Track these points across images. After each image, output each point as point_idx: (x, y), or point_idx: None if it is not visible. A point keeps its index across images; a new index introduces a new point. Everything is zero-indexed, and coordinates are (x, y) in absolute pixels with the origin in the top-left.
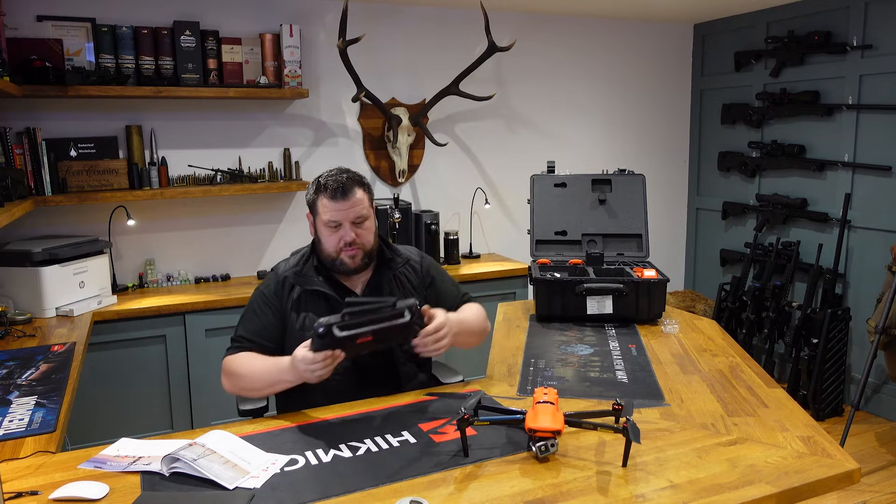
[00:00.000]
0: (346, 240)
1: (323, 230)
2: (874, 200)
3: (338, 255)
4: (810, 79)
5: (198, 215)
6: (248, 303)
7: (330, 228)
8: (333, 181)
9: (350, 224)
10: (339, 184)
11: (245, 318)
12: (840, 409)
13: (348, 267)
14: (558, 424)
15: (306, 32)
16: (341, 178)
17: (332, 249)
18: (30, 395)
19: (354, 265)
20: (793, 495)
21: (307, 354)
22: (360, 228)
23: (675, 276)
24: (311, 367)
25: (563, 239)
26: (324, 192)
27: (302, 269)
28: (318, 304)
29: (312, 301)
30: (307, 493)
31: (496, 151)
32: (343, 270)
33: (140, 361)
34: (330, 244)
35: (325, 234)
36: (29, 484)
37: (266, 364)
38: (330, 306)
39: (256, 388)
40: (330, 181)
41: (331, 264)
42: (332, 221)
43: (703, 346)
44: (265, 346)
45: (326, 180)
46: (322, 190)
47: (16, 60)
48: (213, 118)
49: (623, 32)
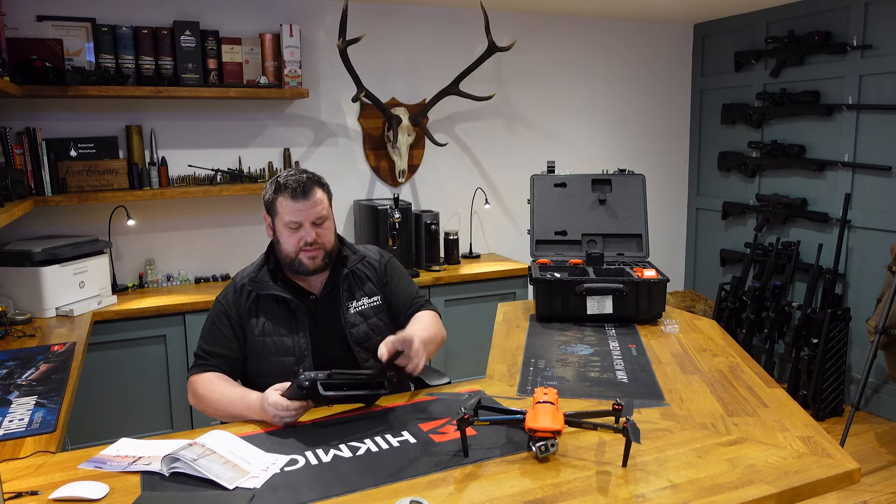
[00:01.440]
0: (307, 240)
1: (282, 231)
2: (874, 200)
3: (297, 255)
4: (810, 79)
5: (198, 215)
6: (209, 314)
7: (290, 229)
8: (294, 181)
9: (310, 224)
10: (299, 183)
11: (206, 329)
12: (840, 409)
13: (307, 268)
14: (558, 424)
15: (306, 32)
16: (301, 178)
17: (291, 250)
18: (30, 395)
19: (314, 266)
20: (793, 495)
21: (280, 401)
22: (320, 228)
23: (675, 276)
24: (282, 413)
25: (563, 239)
26: (283, 192)
27: (257, 274)
28: (276, 309)
29: (270, 306)
30: (307, 493)
31: (496, 151)
32: (302, 271)
33: (140, 361)
34: (289, 245)
35: (284, 234)
36: (29, 484)
37: (233, 396)
38: (288, 310)
39: (221, 416)
40: (290, 181)
41: (289, 265)
42: (292, 222)
43: (703, 346)
44: (228, 356)
45: (286, 180)
46: (282, 190)
47: (16, 60)
48: (213, 118)
49: (623, 32)
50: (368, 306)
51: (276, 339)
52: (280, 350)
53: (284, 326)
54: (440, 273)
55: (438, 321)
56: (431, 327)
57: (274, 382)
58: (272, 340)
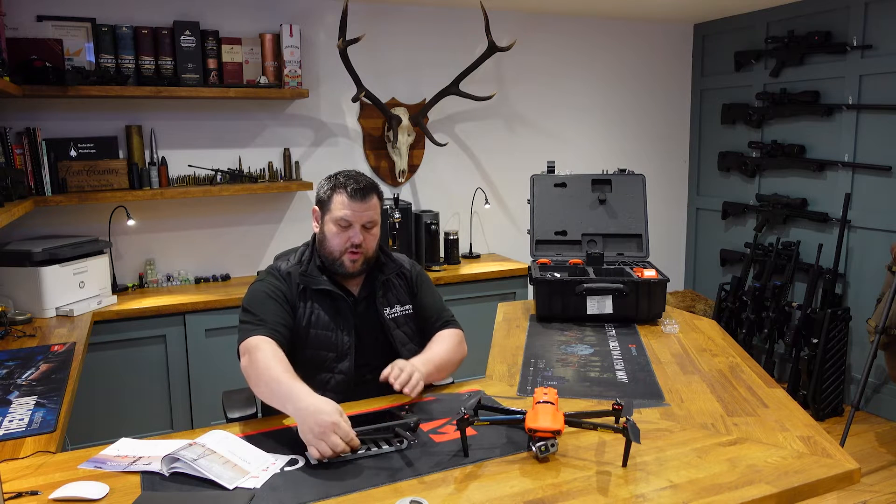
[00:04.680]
0: (355, 241)
1: (331, 227)
2: (874, 200)
3: (340, 255)
4: (810, 79)
5: (198, 215)
6: (253, 293)
7: (340, 227)
8: (354, 181)
9: (360, 227)
10: (359, 184)
11: (258, 303)
12: (840, 409)
13: (347, 270)
14: (558, 424)
15: (306, 32)
16: (361, 180)
17: (336, 248)
18: (30, 395)
19: (354, 269)
20: (793, 495)
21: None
22: (368, 233)
23: (675, 276)
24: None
25: (563, 239)
26: (343, 190)
27: (307, 268)
28: (324, 303)
29: (318, 299)
30: (307, 493)
31: (496, 151)
32: (340, 272)
33: (140, 361)
34: (336, 243)
35: (332, 231)
36: (29, 484)
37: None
38: (335, 305)
39: (258, 390)
40: (350, 181)
41: (330, 264)
42: (344, 220)
43: (703, 346)
44: (283, 326)
45: (346, 179)
46: (341, 187)
47: (16, 60)
48: (213, 118)
49: (623, 32)
50: (401, 314)
51: (321, 333)
52: (322, 344)
53: (330, 322)
54: (440, 273)
55: (460, 341)
56: (449, 351)
57: (307, 375)
58: (315, 333)
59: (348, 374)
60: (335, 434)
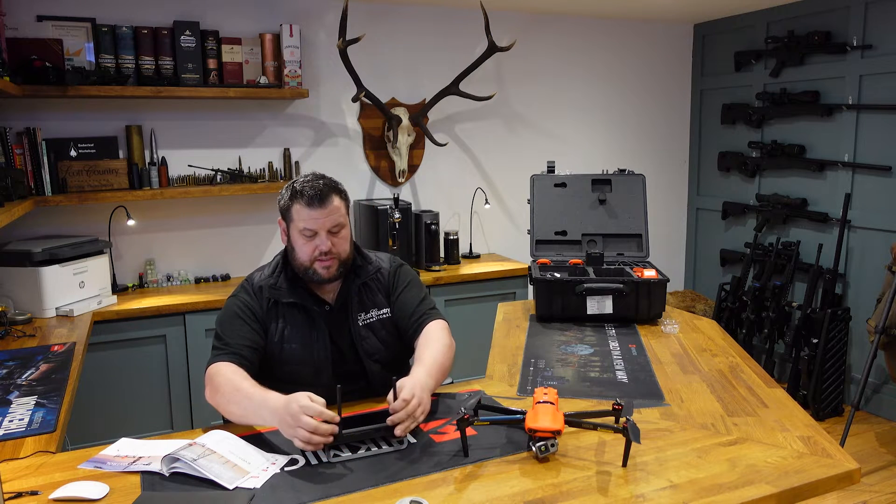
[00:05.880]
0: (322, 249)
1: (297, 238)
2: (874, 200)
3: (311, 264)
4: (810, 79)
5: (198, 215)
6: (225, 310)
7: (304, 237)
8: (310, 187)
9: (326, 233)
10: (316, 190)
11: (225, 324)
12: (840, 409)
13: (322, 277)
14: (558, 424)
15: (306, 32)
16: (318, 185)
17: (305, 259)
18: (30, 395)
19: (329, 275)
20: (793, 495)
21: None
22: (335, 237)
23: (675, 276)
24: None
25: (563, 239)
26: (300, 199)
27: (276, 281)
28: (296, 316)
29: (289, 313)
30: (307, 493)
31: (496, 151)
32: (316, 280)
33: (140, 361)
34: (304, 253)
35: (299, 242)
36: (29, 484)
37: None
38: (308, 318)
39: (235, 416)
40: (307, 187)
41: (303, 273)
42: (307, 230)
43: (703, 346)
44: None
45: (303, 186)
46: (298, 196)
47: (16, 60)
48: (213, 118)
49: (623, 32)
50: (377, 319)
51: (295, 347)
52: (297, 359)
53: (304, 335)
54: (440, 273)
55: (448, 334)
56: (443, 351)
57: (287, 391)
58: (290, 348)
59: (329, 387)
60: (304, 415)
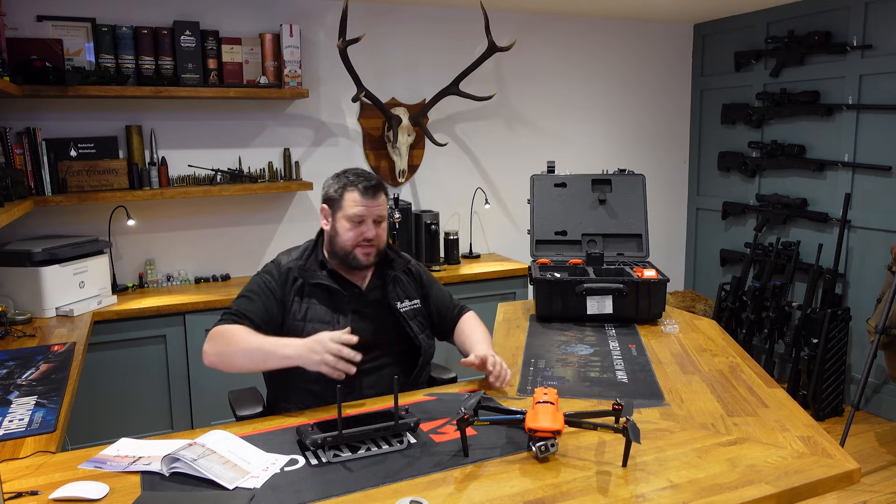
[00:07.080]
0: (368, 236)
1: (344, 224)
2: (874, 200)
3: (353, 249)
4: (810, 79)
5: (198, 215)
6: (248, 286)
7: (353, 223)
8: (365, 179)
9: (372, 222)
10: (371, 182)
11: (243, 297)
12: (840, 409)
13: (360, 263)
14: (558, 424)
15: (306, 32)
16: (371, 178)
17: (349, 243)
18: (30, 395)
19: (367, 262)
20: (793, 495)
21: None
22: (378, 228)
23: (675, 276)
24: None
25: (563, 239)
26: (354, 188)
27: (305, 263)
28: (322, 296)
29: (315, 293)
30: (307, 493)
31: (496, 151)
32: (354, 265)
33: (140, 361)
34: (349, 238)
35: (345, 227)
36: (29, 484)
37: (262, 338)
38: (333, 299)
39: (240, 354)
40: (361, 179)
41: (343, 258)
42: (357, 216)
43: (703, 346)
44: (261, 326)
45: (357, 178)
46: (352, 185)
47: (16, 60)
48: (213, 118)
49: (623, 32)
50: (410, 308)
51: (317, 325)
52: None
53: (327, 314)
54: (440, 273)
55: (481, 322)
56: (486, 333)
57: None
58: (313, 326)
59: None
60: (331, 342)
